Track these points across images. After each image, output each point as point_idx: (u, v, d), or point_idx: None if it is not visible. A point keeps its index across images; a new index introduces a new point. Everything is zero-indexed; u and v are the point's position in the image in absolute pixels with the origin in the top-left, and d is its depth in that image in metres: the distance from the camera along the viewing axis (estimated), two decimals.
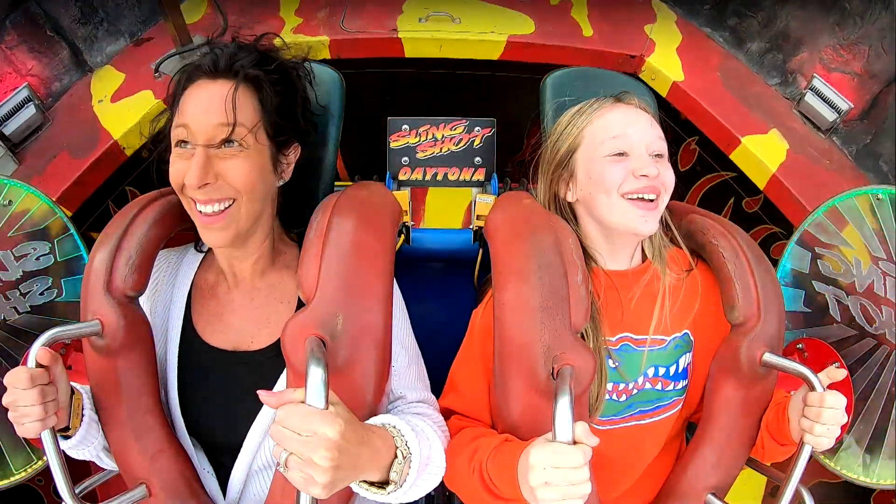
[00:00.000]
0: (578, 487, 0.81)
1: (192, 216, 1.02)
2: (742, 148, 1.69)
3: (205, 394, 1.08)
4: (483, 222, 1.25)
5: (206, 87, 0.99)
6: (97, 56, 1.79)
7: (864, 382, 1.34)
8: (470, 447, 1.01)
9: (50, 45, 1.71)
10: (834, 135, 1.72)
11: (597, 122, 1.12)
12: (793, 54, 1.79)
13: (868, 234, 1.35)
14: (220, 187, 0.97)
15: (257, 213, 1.04)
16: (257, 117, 1.00)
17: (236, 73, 0.99)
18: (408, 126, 1.48)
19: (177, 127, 0.99)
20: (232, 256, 1.10)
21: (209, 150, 0.96)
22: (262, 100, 1.01)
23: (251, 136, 0.99)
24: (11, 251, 1.33)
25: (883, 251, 1.33)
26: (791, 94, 1.79)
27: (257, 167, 1.00)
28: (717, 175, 2.01)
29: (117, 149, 1.63)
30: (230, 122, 0.96)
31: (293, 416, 0.78)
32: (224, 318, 1.11)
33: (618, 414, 1.13)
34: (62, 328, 0.95)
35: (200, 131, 0.96)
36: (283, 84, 1.05)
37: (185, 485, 1.04)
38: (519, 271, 1.03)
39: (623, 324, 1.12)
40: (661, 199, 1.07)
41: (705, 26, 1.94)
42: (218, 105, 0.96)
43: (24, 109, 1.61)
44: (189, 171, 0.95)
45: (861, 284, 1.35)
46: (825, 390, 0.97)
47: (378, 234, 1.08)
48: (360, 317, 0.98)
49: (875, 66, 1.65)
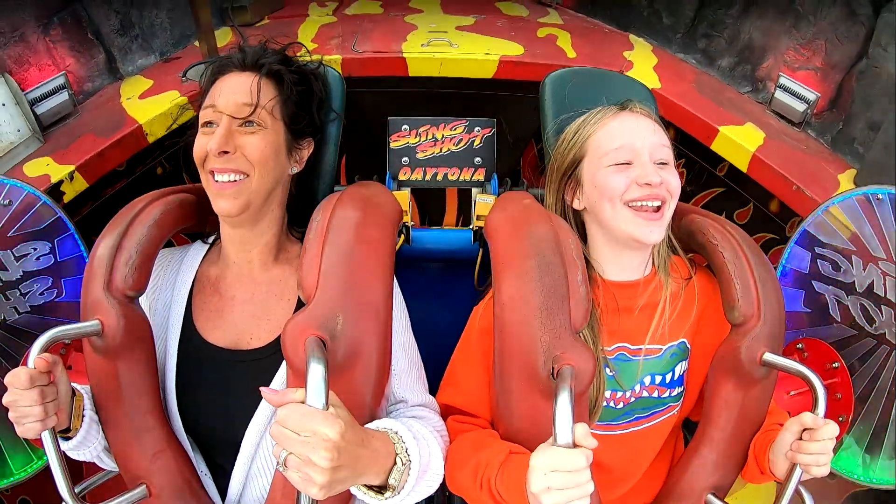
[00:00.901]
0: (581, 489, 0.80)
1: (208, 188, 1.08)
2: (721, 136, 1.79)
3: (203, 391, 1.08)
4: (483, 222, 1.25)
5: (234, 77, 1.11)
6: (129, 66, 1.98)
7: (864, 382, 1.34)
8: (472, 461, 1.00)
9: (89, 48, 1.87)
10: (808, 128, 1.82)
11: (600, 133, 1.12)
12: (759, 63, 1.95)
13: (868, 234, 1.35)
14: (237, 159, 1.05)
15: (268, 189, 1.09)
16: (276, 103, 1.11)
17: (261, 66, 1.11)
18: (408, 126, 1.48)
19: (205, 108, 1.09)
20: (241, 239, 1.11)
21: (232, 124, 1.06)
22: (282, 91, 1.12)
23: (270, 117, 1.09)
24: (11, 251, 1.33)
25: (883, 251, 1.33)
26: (763, 99, 1.92)
27: (273, 145, 1.09)
28: (707, 192, 2.09)
29: (140, 133, 1.73)
30: (253, 102, 1.07)
31: (293, 416, 0.78)
32: (224, 315, 1.11)
33: (615, 420, 1.13)
34: (62, 328, 0.95)
35: (226, 108, 1.07)
36: (301, 83, 1.16)
37: (186, 484, 1.04)
38: (519, 271, 1.03)
39: (620, 333, 1.12)
40: (666, 206, 1.07)
41: (678, 52, 2.15)
42: (244, 90, 1.08)
43: (57, 94, 1.71)
44: (212, 139, 1.04)
45: (861, 284, 1.35)
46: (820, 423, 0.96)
47: (378, 235, 1.08)
48: (360, 317, 0.98)
49: (834, 57, 1.76)
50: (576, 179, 1.15)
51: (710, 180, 2.05)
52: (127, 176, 1.82)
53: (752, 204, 1.95)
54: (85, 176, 1.61)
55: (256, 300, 1.12)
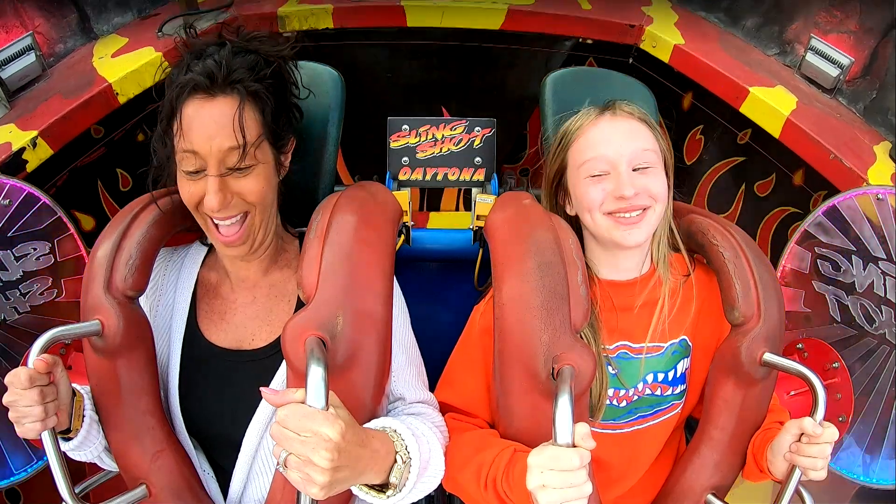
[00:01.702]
0: (577, 489, 0.81)
1: (209, 233, 1.05)
2: (751, 97, 1.64)
3: (205, 391, 1.08)
4: (483, 222, 1.25)
5: (206, 107, 0.96)
6: (104, 25, 1.80)
7: (864, 382, 1.34)
8: (475, 462, 1.00)
9: (59, 6, 1.71)
10: (839, 95, 1.70)
11: (578, 143, 1.12)
12: (788, 24, 1.80)
13: (868, 234, 1.35)
14: (237, 205, 1.01)
15: (267, 217, 1.08)
16: (261, 131, 1.00)
17: (235, 88, 0.97)
18: (408, 126, 1.48)
19: (184, 152, 0.97)
20: (238, 257, 1.10)
21: (221, 171, 0.97)
22: (263, 111, 1.01)
23: (259, 151, 1.00)
24: (11, 251, 1.33)
25: (883, 251, 1.33)
26: (791, 62, 1.78)
27: (267, 179, 1.03)
28: (726, 162, 1.97)
29: (110, 93, 1.57)
30: (240, 143, 0.96)
31: (293, 416, 0.78)
32: (227, 317, 1.12)
33: (618, 419, 1.13)
34: (62, 328, 0.95)
35: (212, 158, 0.96)
36: (276, 83, 1.04)
37: (186, 485, 1.04)
38: (519, 271, 1.03)
39: (621, 332, 1.13)
40: (648, 211, 1.07)
41: (699, 11, 1.97)
42: (224, 127, 0.95)
43: (24, 56, 1.57)
44: (207, 197, 0.97)
45: (861, 284, 1.35)
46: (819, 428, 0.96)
47: (378, 235, 1.08)
48: (360, 317, 0.98)
49: (869, 21, 1.64)
50: (563, 187, 1.16)
51: (730, 148, 1.93)
52: (105, 143, 1.70)
53: (775, 175, 1.81)
54: (49, 142, 1.47)
55: (258, 302, 1.12)
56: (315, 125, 1.23)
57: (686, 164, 2.08)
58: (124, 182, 1.81)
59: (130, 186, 1.81)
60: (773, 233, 1.86)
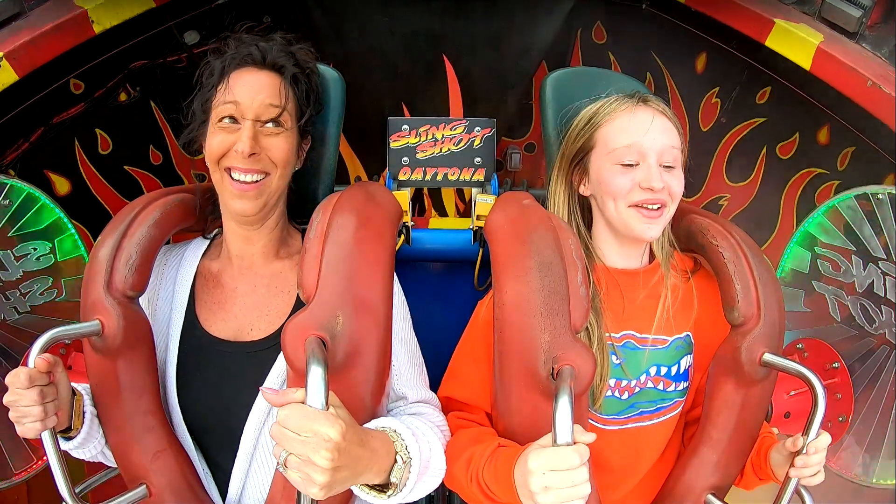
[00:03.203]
0: (578, 489, 0.81)
1: (223, 188, 1.08)
2: (777, 28, 1.55)
3: (202, 383, 1.08)
4: (483, 222, 1.25)
5: (253, 74, 1.09)
6: None
7: (864, 383, 1.34)
8: (465, 455, 1.01)
9: None
10: (862, 41, 1.57)
11: (610, 126, 1.12)
12: None
13: (868, 234, 1.35)
14: (262, 159, 1.06)
15: (282, 190, 1.12)
16: (294, 106, 1.12)
17: (281, 68, 1.11)
18: (408, 126, 1.48)
19: (225, 103, 1.07)
20: (247, 236, 1.12)
21: (256, 125, 1.06)
22: (298, 95, 1.14)
23: (291, 119, 1.11)
24: (11, 251, 1.33)
25: (883, 251, 1.33)
26: (810, 11, 1.63)
27: (293, 147, 1.12)
28: (745, 125, 1.88)
29: (84, 19, 1.44)
30: (281, 104, 1.08)
31: (294, 417, 0.78)
32: (226, 307, 1.12)
33: (621, 413, 1.13)
34: (62, 328, 0.95)
35: (250, 108, 1.06)
36: (308, 85, 1.17)
37: (186, 484, 1.04)
38: (519, 271, 1.03)
39: (627, 321, 1.13)
40: (666, 208, 1.09)
41: None
42: (269, 91, 1.08)
43: None
44: (240, 141, 1.04)
45: (861, 284, 1.35)
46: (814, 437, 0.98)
47: (378, 234, 1.08)
48: (360, 317, 0.98)
49: None
50: (583, 167, 1.16)
51: (749, 110, 1.84)
52: (84, 99, 1.57)
53: (798, 134, 1.74)
54: (15, 66, 1.36)
55: (258, 293, 1.13)
56: (315, 125, 1.23)
57: (702, 130, 1.99)
58: (104, 144, 1.71)
59: (110, 149, 1.72)
60: (798, 197, 1.77)
